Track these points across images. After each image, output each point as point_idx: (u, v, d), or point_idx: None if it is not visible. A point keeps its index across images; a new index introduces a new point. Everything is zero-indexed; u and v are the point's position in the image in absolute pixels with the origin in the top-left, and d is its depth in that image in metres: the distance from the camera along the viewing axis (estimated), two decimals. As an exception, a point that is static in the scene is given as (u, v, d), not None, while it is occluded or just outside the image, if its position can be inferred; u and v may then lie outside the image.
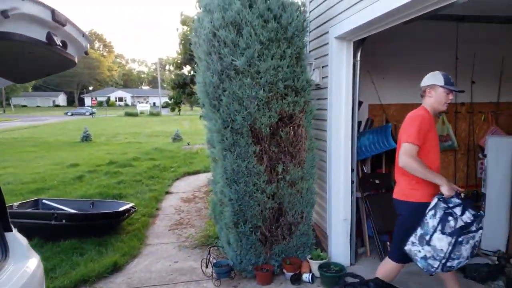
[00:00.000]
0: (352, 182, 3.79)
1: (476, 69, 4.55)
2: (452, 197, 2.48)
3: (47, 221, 4.42)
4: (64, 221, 4.48)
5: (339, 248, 3.81)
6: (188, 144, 14.80)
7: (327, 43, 3.77)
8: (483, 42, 4.39)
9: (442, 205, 2.46)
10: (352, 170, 3.78)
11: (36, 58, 1.92)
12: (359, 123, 3.97)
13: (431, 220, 2.47)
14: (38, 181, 8.05)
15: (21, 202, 5.16)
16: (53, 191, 7.04)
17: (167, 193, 7.20)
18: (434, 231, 2.43)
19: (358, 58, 3.61)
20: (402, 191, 2.72)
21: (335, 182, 3.78)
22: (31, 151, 13.32)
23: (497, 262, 3.59)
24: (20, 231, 2.48)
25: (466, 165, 4.77)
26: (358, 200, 4.03)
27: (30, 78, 2.43)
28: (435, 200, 2.50)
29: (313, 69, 3.85)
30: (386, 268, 2.87)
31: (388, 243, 3.99)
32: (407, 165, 2.54)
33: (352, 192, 3.79)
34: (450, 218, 2.42)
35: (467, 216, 2.43)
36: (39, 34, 1.65)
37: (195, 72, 4.13)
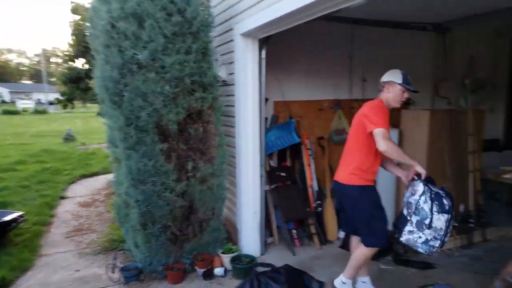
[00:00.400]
0: (261, 176, 3.92)
1: (366, 68, 5.05)
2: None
3: None
4: None
5: (250, 240, 3.91)
6: (84, 144, 13.65)
7: (233, 40, 3.82)
8: (373, 43, 4.90)
9: (426, 187, 2.57)
10: (261, 165, 3.91)
11: None
12: (265, 119, 4.12)
13: (425, 205, 2.53)
14: None
15: None
16: None
17: (62, 198, 6.56)
18: (432, 214, 2.50)
19: (264, 56, 3.73)
20: (350, 177, 2.80)
21: (244, 177, 3.87)
22: None
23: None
24: None
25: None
26: (266, 193, 4.19)
27: None
28: (421, 185, 2.58)
29: (220, 65, 3.87)
30: (361, 255, 2.88)
31: (294, 231, 4.24)
32: (388, 149, 2.55)
33: (261, 185, 3.92)
34: (441, 197, 2.54)
35: (444, 192, 2.60)
36: None
37: (90, 65, 3.83)
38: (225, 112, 3.90)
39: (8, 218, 4.33)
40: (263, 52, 3.72)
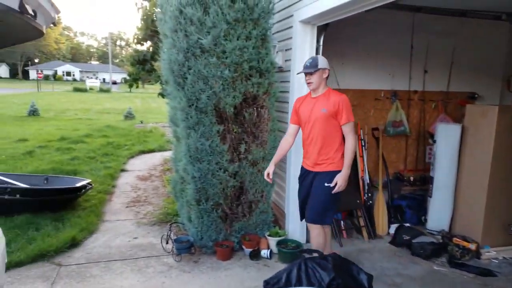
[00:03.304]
0: (311, 163, 3.96)
1: (429, 59, 4.85)
2: None
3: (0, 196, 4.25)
4: (18, 195, 4.32)
5: (296, 226, 3.99)
6: (141, 123, 14.44)
7: (291, 27, 3.86)
8: (437, 33, 4.69)
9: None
10: (311, 152, 3.94)
11: (6, 26, 1.85)
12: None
13: None
14: (-16, 156, 7.56)
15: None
16: (2, 166, 6.65)
17: (123, 170, 7.08)
18: None
19: (321, 43, 3.74)
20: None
21: (294, 164, 3.93)
22: (-30, 125, 12.37)
23: (441, 241, 3.95)
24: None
25: (416, 150, 5.12)
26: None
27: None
28: None
29: (276, 52, 3.93)
30: (321, 235, 3.14)
31: (342, 222, 4.25)
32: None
33: (310, 172, 3.97)
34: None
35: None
36: (12, 2, 1.60)
37: (156, 48, 4.07)
38: (279, 98, 3.97)
39: (79, 184, 4.79)
40: (321, 40, 3.72)
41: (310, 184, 3.11)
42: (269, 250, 3.70)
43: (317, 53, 3.75)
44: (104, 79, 61.50)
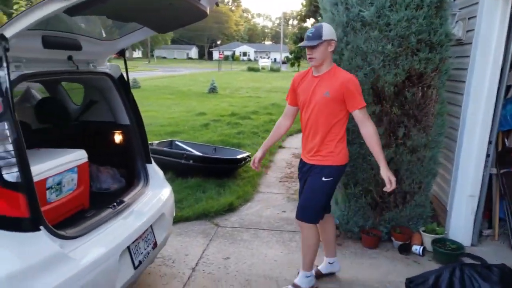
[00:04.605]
0: (488, 155, 3.31)
1: None
2: None
3: (178, 160, 5.02)
4: (191, 161, 5.02)
5: (459, 225, 3.45)
6: (305, 101, 14.77)
7: (477, -11, 3.21)
8: None
9: None
10: (490, 142, 3.29)
11: (175, 8, 2.05)
12: (508, 87, 3.38)
13: None
14: (172, 125, 9.04)
15: (159, 141, 5.91)
16: (184, 135, 7.85)
17: (280, 147, 7.41)
18: None
19: (517, 8, 3.01)
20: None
21: (465, 153, 3.36)
22: (168, 98, 14.93)
23: None
24: (157, 165, 2.86)
25: None
26: (492, 177, 3.54)
27: (169, 28, 2.63)
28: None
29: (456, 21, 3.35)
30: (310, 236, 2.67)
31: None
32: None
33: (485, 167, 3.33)
34: None
35: None
36: None
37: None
38: (453, 76, 3.41)
39: (239, 156, 5.25)
40: (518, 4, 2.99)
41: (305, 179, 2.66)
42: (421, 247, 3.32)
43: (511, 22, 3.04)
44: (275, 58, 65.40)
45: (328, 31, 2.45)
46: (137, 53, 70.45)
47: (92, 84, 2.71)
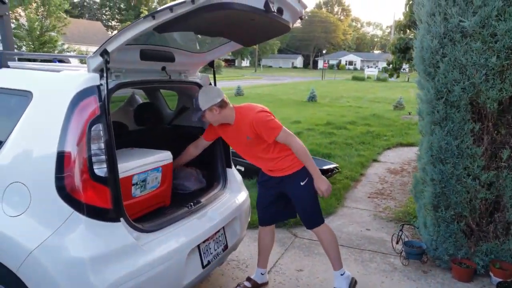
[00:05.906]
0: None
1: None
2: None
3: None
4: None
5: None
6: (409, 114, 13.81)
7: None
8: None
9: None
10: None
11: (258, 24, 2.16)
12: None
13: None
14: (266, 131, 9.32)
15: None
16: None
17: (375, 160, 7.06)
18: None
19: None
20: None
21: None
22: (267, 106, 15.38)
23: None
24: (243, 170, 3.03)
25: None
26: None
27: (255, 41, 2.78)
28: None
29: None
30: (328, 235, 2.81)
31: None
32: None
33: None
34: None
35: None
36: (257, 2, 1.85)
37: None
38: None
39: (326, 167, 5.16)
40: None
41: (278, 188, 2.74)
42: (527, 289, 2.87)
43: None
44: (383, 68, 62.48)
45: (203, 99, 2.44)
46: (245, 62, 74.27)
47: (184, 92, 2.98)
